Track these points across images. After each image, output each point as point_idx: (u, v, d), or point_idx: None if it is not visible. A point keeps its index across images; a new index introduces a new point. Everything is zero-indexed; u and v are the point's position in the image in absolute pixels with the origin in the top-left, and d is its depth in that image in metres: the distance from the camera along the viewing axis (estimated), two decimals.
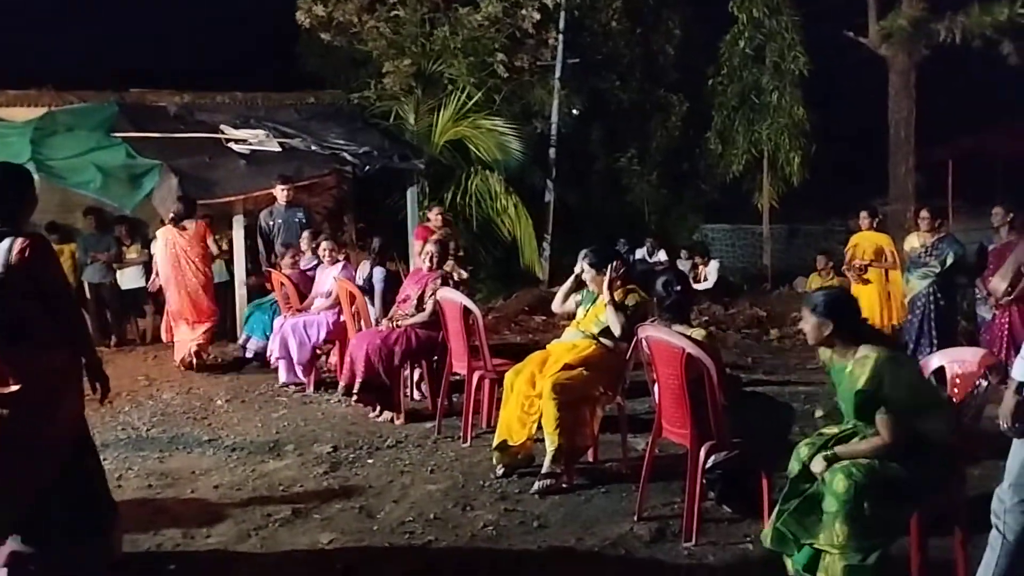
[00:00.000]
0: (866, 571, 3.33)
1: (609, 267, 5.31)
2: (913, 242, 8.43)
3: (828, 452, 3.54)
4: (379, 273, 7.54)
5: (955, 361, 3.98)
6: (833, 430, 3.73)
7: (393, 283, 7.73)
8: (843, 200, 19.13)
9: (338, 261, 8.10)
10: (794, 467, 3.66)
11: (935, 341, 7.98)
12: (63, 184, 9.82)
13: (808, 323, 3.72)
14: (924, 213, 8.46)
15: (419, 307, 6.78)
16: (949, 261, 8.02)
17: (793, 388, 7.95)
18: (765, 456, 4.40)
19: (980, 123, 17.03)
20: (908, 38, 14.45)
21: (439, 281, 6.74)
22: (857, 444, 3.55)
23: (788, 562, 3.60)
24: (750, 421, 4.36)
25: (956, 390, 3.89)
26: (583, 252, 5.50)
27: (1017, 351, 3.32)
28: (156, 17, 19.59)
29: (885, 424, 3.47)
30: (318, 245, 8.34)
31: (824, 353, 3.83)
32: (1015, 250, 7.37)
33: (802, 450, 3.68)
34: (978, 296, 8.10)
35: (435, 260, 6.88)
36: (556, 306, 5.79)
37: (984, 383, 3.69)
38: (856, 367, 3.55)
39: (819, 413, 4.15)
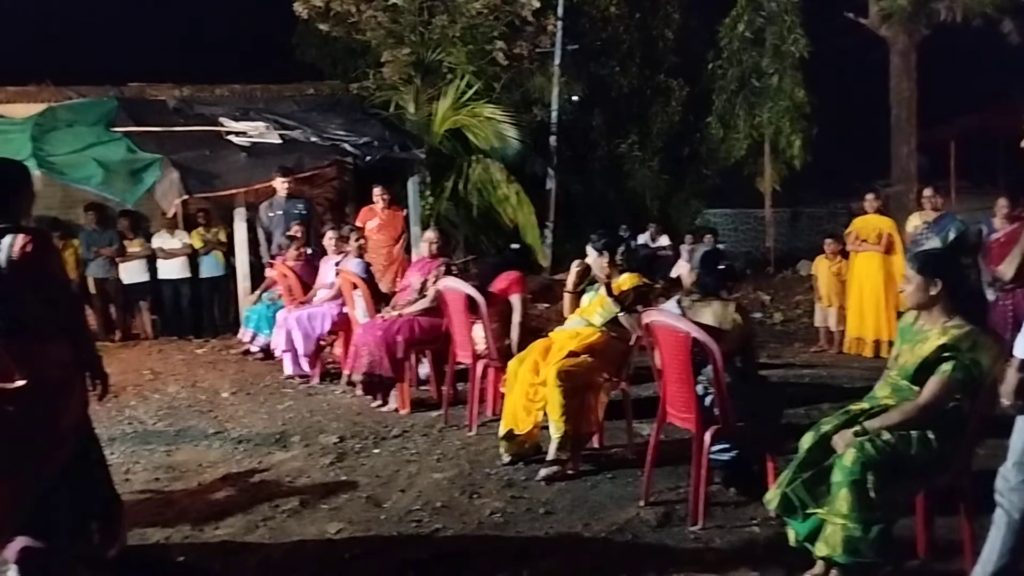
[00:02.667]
0: (866, 544, 3.33)
1: (602, 261, 5.33)
2: (915, 221, 8.42)
3: (856, 427, 3.48)
4: (357, 265, 7.52)
5: None
6: (863, 405, 3.70)
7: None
8: (845, 182, 19.15)
9: (344, 252, 8.08)
10: (807, 440, 3.63)
11: None
12: (64, 180, 9.83)
13: (912, 283, 3.55)
14: (927, 191, 8.45)
15: (421, 294, 6.79)
16: (952, 236, 7.99)
17: (797, 372, 7.96)
18: (768, 438, 4.41)
19: (982, 103, 16.97)
20: (908, 18, 14.40)
21: (442, 268, 6.75)
22: (887, 415, 3.49)
23: (790, 533, 3.61)
24: (752, 403, 4.35)
25: None
26: (592, 237, 5.51)
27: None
28: (154, 10, 19.55)
29: (938, 383, 3.41)
30: (323, 235, 8.35)
31: (909, 317, 3.70)
32: (1021, 237, 7.37)
33: (823, 425, 3.65)
34: (983, 279, 8.06)
35: (436, 248, 6.89)
36: (568, 312, 5.75)
37: None
38: (943, 331, 3.47)
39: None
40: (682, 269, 13.83)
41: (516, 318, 6.15)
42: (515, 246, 6.71)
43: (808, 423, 3.83)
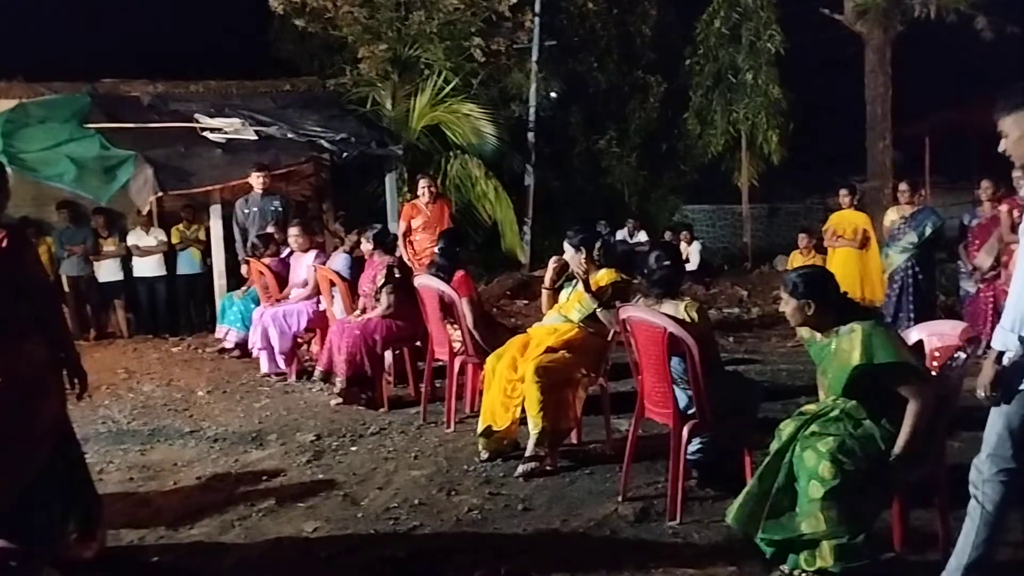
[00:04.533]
0: (856, 548, 3.37)
1: (579, 257, 5.30)
2: (892, 216, 8.48)
3: (898, 456, 3.41)
4: (341, 261, 7.48)
5: (934, 335, 3.97)
6: (813, 408, 3.74)
7: (361, 270, 7.66)
8: (822, 178, 19.25)
9: (309, 249, 8.05)
10: (773, 447, 3.65)
11: (912, 315, 8.02)
12: (36, 177, 9.71)
13: (789, 305, 3.67)
14: (903, 186, 8.52)
15: (377, 299, 6.76)
16: (928, 231, 8.05)
17: (775, 366, 7.98)
18: (745, 433, 4.42)
19: (956, 99, 17.10)
20: (883, 14, 14.48)
21: (384, 271, 6.72)
22: (907, 435, 3.43)
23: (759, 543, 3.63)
24: (726, 399, 4.35)
25: (935, 363, 3.89)
26: (568, 233, 5.48)
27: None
28: (128, 5, 19.34)
29: (912, 391, 3.44)
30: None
31: (803, 332, 3.81)
32: (998, 227, 7.44)
33: (784, 429, 3.67)
34: (962, 270, 8.15)
35: (376, 251, 6.89)
36: (546, 309, 5.73)
37: (963, 355, 3.71)
38: (843, 343, 3.52)
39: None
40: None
41: (466, 323, 5.91)
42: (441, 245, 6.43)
43: (785, 418, 3.83)
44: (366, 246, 7.04)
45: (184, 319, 10.90)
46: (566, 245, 5.41)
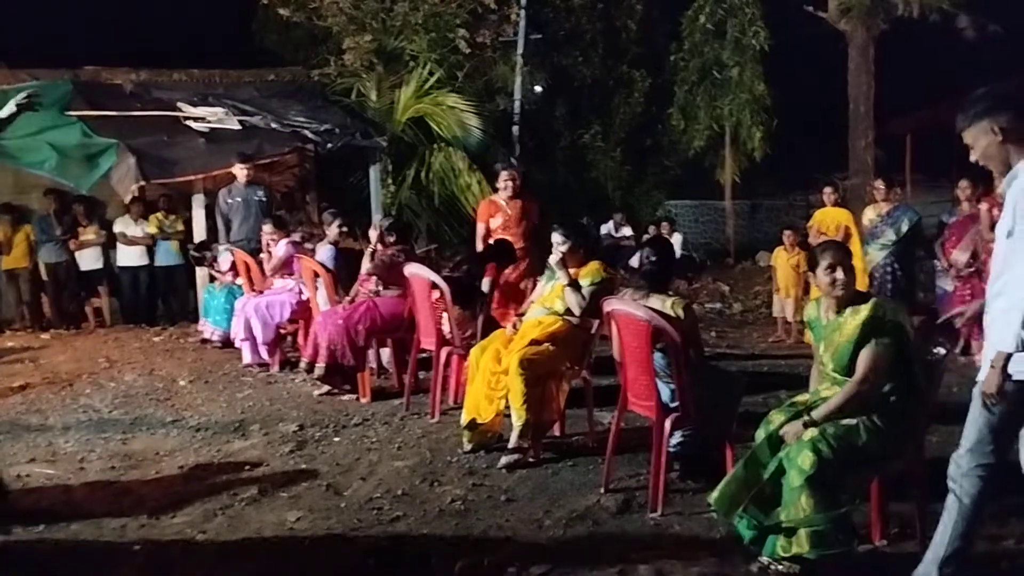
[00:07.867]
0: (832, 535, 3.40)
1: (563, 250, 5.32)
2: (870, 214, 8.54)
3: (805, 418, 3.55)
4: (326, 252, 7.49)
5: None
6: (804, 398, 3.77)
7: (346, 261, 7.65)
8: (804, 174, 19.36)
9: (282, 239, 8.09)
10: (760, 435, 3.69)
11: None
12: (17, 164, 9.65)
13: (847, 275, 3.71)
14: (878, 183, 8.59)
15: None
16: (904, 228, 8.12)
17: (756, 361, 8.04)
18: (726, 427, 4.45)
19: (938, 97, 17.21)
20: (866, 12, 14.56)
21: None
22: (830, 401, 3.56)
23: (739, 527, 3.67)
24: (709, 392, 4.38)
25: None
26: (555, 226, 5.48)
27: (979, 324, 3.36)
28: None
29: (870, 357, 3.50)
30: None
31: (812, 310, 3.86)
32: (975, 224, 7.51)
33: (773, 419, 3.70)
34: (939, 268, 8.21)
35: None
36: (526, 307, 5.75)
37: (942, 351, 3.75)
38: (852, 314, 3.60)
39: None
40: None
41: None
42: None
43: (766, 411, 3.87)
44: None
45: (165, 309, 10.84)
46: (555, 236, 5.39)
